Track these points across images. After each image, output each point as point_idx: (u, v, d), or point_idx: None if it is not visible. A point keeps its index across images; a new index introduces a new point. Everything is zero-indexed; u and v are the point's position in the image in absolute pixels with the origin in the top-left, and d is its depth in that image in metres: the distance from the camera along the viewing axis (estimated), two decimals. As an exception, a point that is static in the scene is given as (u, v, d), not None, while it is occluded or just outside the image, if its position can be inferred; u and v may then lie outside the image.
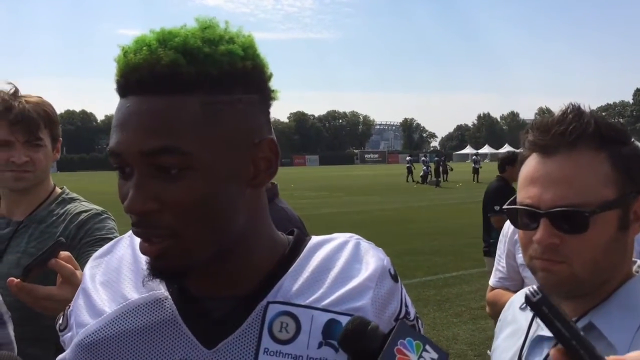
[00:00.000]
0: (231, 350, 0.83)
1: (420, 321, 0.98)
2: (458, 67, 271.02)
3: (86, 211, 1.88)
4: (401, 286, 0.94)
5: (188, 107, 0.77)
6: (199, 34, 0.80)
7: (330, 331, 0.83)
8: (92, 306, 0.91)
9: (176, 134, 0.77)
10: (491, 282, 2.63)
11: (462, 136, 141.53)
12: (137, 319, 0.87)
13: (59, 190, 1.99)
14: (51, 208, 1.91)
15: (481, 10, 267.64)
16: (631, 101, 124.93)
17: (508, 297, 1.39)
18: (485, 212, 5.99)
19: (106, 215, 1.91)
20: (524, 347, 1.14)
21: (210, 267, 0.84)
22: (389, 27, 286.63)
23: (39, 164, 1.86)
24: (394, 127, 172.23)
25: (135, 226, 0.81)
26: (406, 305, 0.93)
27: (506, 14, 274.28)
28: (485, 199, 6.01)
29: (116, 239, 1.00)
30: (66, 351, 0.92)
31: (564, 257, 1.02)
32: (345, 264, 0.90)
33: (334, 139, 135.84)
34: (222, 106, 0.79)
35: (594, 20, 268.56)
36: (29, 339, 1.62)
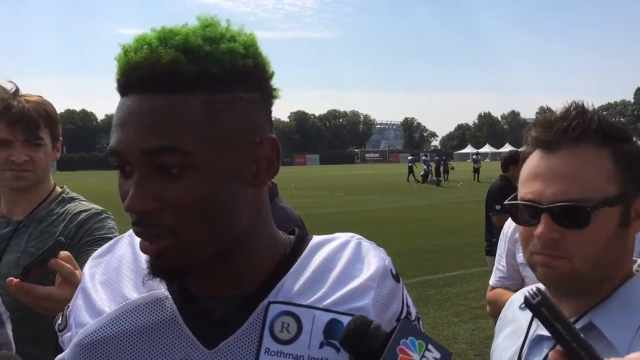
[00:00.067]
0: (232, 350, 0.83)
1: (421, 321, 0.97)
2: (459, 66, 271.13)
3: (86, 211, 1.88)
4: (402, 286, 0.94)
5: (189, 105, 0.77)
6: (200, 33, 0.79)
7: (332, 331, 0.83)
8: (92, 306, 0.90)
9: (177, 133, 0.76)
10: (491, 281, 2.63)
11: (462, 135, 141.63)
12: (137, 318, 0.86)
13: (59, 189, 1.99)
14: (51, 207, 1.90)
15: (482, 10, 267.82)
16: (632, 100, 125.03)
17: (508, 297, 1.39)
18: (487, 211, 5.98)
19: (106, 215, 1.91)
20: (523, 346, 1.13)
21: (211, 266, 0.84)
22: (389, 27, 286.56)
23: (38, 163, 1.85)
24: (394, 127, 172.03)
25: (136, 225, 0.80)
26: (407, 306, 0.93)
27: (507, 13, 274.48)
28: (487, 198, 6.01)
29: (116, 239, 0.99)
30: (65, 351, 0.92)
31: (564, 253, 1.02)
32: (346, 264, 0.90)
33: (334, 138, 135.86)
34: (223, 105, 0.79)
35: (594, 19, 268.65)
36: (27, 338, 1.62)
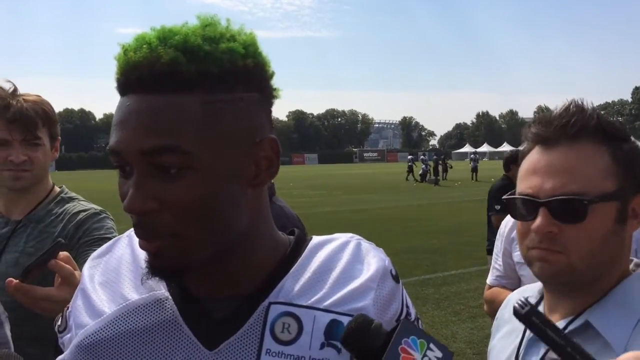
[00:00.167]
0: (233, 351, 0.82)
1: (420, 321, 0.97)
2: (457, 65, 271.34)
3: (85, 210, 1.87)
4: (402, 287, 0.94)
5: (188, 105, 0.77)
6: (199, 32, 0.79)
7: (333, 332, 0.82)
8: (91, 307, 0.90)
9: (176, 133, 0.76)
10: (488, 280, 2.63)
11: (461, 135, 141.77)
12: (138, 319, 0.86)
13: (57, 189, 1.98)
14: (50, 207, 1.90)
15: (480, 9, 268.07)
16: (630, 99, 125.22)
17: (505, 295, 1.39)
18: (489, 210, 5.97)
19: (105, 215, 1.90)
20: (520, 346, 1.13)
21: (211, 267, 0.83)
22: (388, 26, 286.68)
23: (37, 162, 1.85)
24: (393, 126, 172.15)
25: (136, 227, 0.80)
26: (407, 306, 0.93)
27: (505, 13, 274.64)
28: (489, 197, 5.99)
29: (115, 239, 0.99)
30: (65, 352, 0.91)
31: (561, 247, 1.03)
32: (346, 265, 0.89)
33: (333, 137, 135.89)
34: (222, 105, 0.78)
35: (593, 19, 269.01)
36: (27, 338, 1.61)
